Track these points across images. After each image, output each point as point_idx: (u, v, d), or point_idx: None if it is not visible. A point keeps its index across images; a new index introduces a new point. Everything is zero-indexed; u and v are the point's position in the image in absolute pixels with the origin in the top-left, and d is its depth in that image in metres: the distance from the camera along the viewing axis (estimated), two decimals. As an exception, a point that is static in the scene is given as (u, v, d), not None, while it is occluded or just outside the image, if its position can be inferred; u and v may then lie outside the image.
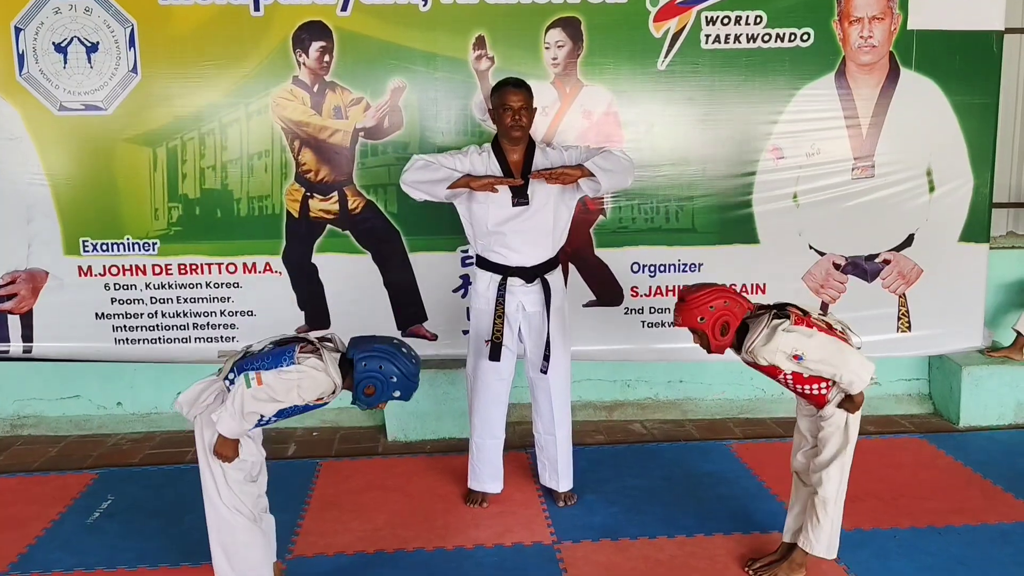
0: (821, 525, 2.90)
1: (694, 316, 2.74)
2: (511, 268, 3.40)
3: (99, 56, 3.94)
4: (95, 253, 4.11)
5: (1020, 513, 3.48)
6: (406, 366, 2.60)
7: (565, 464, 3.62)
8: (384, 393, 2.60)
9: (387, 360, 2.58)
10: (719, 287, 2.79)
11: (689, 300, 2.77)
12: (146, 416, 4.57)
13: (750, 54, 4.09)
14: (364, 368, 2.57)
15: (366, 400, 2.61)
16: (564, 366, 3.55)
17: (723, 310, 2.73)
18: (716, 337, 2.74)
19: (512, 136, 3.35)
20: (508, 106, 3.30)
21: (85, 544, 3.30)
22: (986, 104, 4.25)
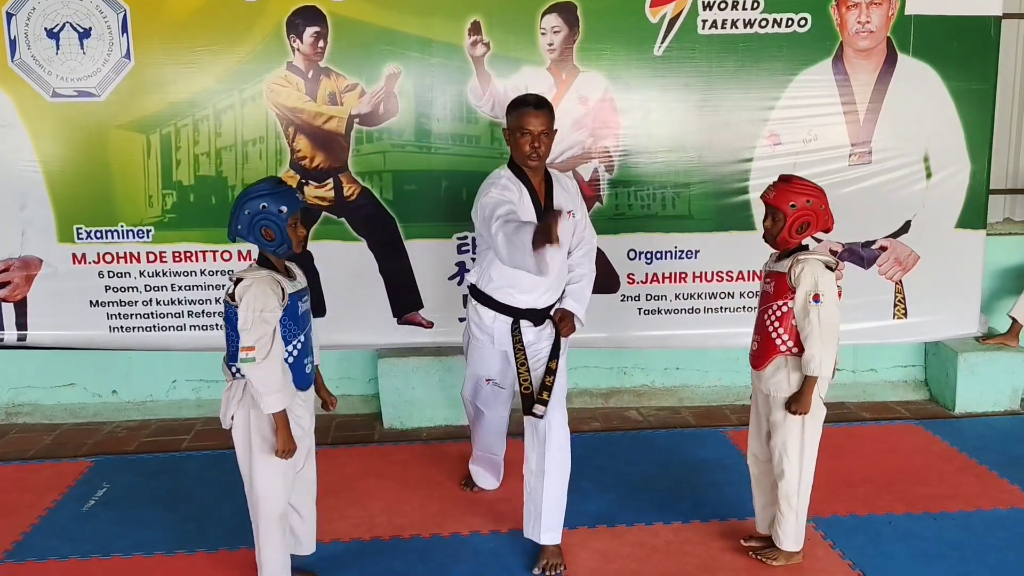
0: (786, 519, 2.90)
1: (789, 198, 2.71)
2: (521, 310, 3.08)
3: (92, 42, 3.91)
4: (89, 240, 4.09)
5: (1015, 498, 3.49)
6: (257, 190, 2.57)
7: (551, 517, 3.01)
8: (274, 219, 2.54)
9: (241, 206, 2.56)
10: (824, 194, 2.76)
11: (795, 183, 2.75)
12: (141, 404, 4.56)
13: (747, 39, 4.07)
14: (240, 230, 2.58)
15: (280, 240, 2.56)
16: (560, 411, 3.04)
17: (816, 211, 2.72)
18: (792, 228, 2.72)
19: (530, 164, 2.98)
20: (527, 130, 2.91)
21: (81, 532, 3.30)
22: (984, 90, 4.23)
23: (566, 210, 3.04)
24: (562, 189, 3.12)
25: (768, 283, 2.86)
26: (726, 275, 4.32)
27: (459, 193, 4.13)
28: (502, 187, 2.97)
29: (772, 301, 2.81)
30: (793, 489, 2.86)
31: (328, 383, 4.55)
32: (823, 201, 2.74)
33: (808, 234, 2.77)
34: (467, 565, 3.05)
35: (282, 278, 2.61)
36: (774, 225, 2.77)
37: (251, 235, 2.58)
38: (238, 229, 2.59)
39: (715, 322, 4.35)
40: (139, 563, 3.09)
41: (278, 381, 2.54)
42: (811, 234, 2.78)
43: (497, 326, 3.09)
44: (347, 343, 4.35)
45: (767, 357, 2.82)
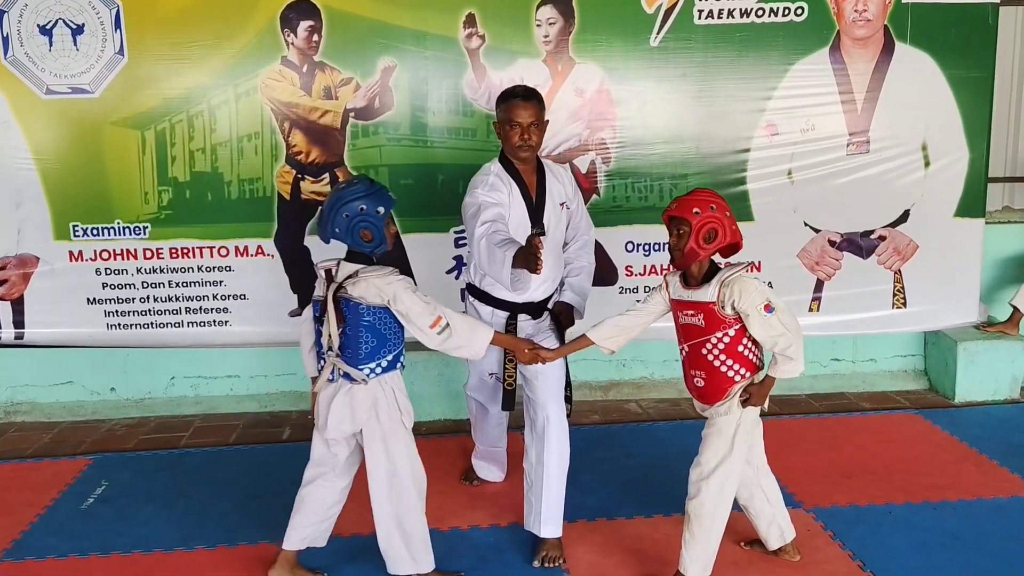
0: (695, 540, 2.67)
1: (691, 207, 2.55)
2: (519, 304, 3.07)
3: (85, 38, 3.90)
4: (85, 238, 4.08)
5: (1015, 488, 3.48)
6: (354, 192, 2.57)
7: (551, 505, 2.99)
8: (373, 220, 2.56)
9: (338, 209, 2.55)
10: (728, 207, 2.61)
11: (696, 192, 2.63)
12: (140, 401, 4.55)
13: (744, 29, 4.05)
14: (337, 233, 2.58)
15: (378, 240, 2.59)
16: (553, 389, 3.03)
17: (721, 219, 2.54)
18: (698, 238, 2.52)
19: (521, 156, 2.97)
20: (516, 122, 2.91)
21: (79, 530, 3.29)
22: (981, 77, 4.22)
23: (559, 201, 3.05)
24: (555, 180, 3.11)
25: (691, 315, 2.64)
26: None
27: (456, 187, 4.10)
28: (490, 186, 2.95)
29: (707, 335, 2.61)
30: (708, 511, 2.66)
31: (327, 378, 4.61)
32: (727, 210, 2.57)
33: (716, 246, 2.55)
34: (467, 559, 3.04)
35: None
36: (679, 239, 2.56)
37: (348, 237, 2.58)
38: (335, 232, 2.58)
39: (714, 314, 4.33)
40: (138, 561, 3.08)
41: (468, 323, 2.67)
42: (719, 247, 2.56)
43: (495, 321, 3.08)
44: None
45: (722, 391, 2.65)
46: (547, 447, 2.95)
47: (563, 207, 3.09)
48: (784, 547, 2.93)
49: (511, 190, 2.98)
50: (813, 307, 4.40)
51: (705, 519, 2.66)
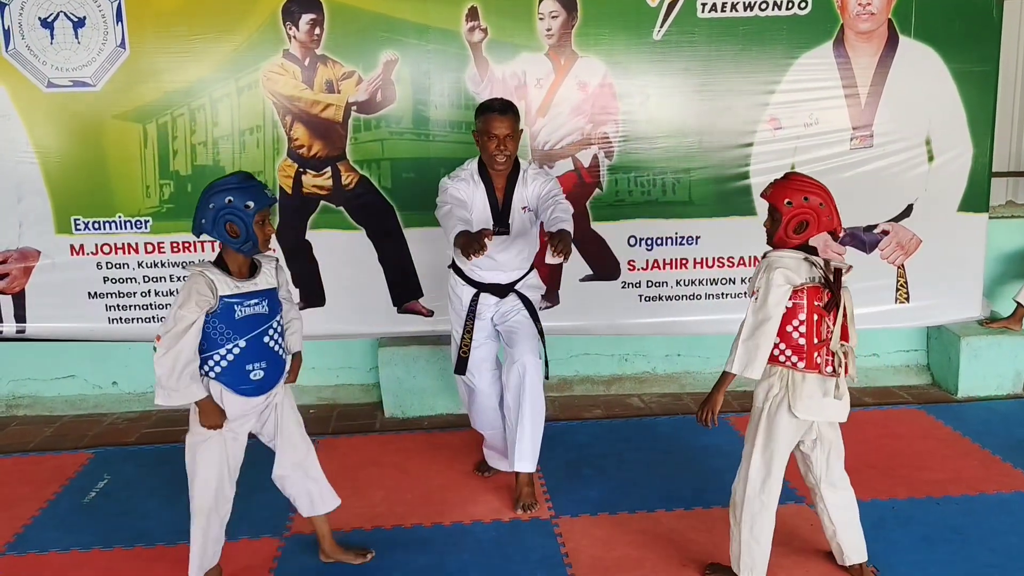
0: (732, 536, 2.70)
1: (786, 195, 2.52)
2: (484, 284, 3.34)
3: (86, 31, 3.89)
4: (87, 231, 4.07)
5: (1018, 483, 3.48)
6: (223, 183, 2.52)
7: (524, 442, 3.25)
8: (240, 214, 2.49)
9: (205, 200, 2.51)
10: (829, 193, 2.55)
11: (793, 179, 2.58)
12: (142, 395, 4.55)
13: (747, 23, 4.03)
14: (204, 224, 2.52)
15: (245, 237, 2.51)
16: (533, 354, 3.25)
17: (815, 210, 2.50)
18: (788, 227, 2.51)
19: (496, 165, 3.19)
20: (492, 134, 3.13)
21: (81, 524, 3.30)
22: (986, 72, 4.20)
23: (521, 206, 3.26)
24: (523, 188, 3.26)
25: None
26: (727, 261, 4.30)
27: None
28: (460, 180, 3.24)
29: None
30: (737, 501, 2.68)
31: (328, 372, 4.64)
32: (824, 199, 2.53)
33: (809, 234, 2.54)
34: (468, 554, 3.04)
35: (222, 279, 2.54)
36: (772, 224, 2.57)
37: (215, 230, 2.51)
38: (202, 224, 2.53)
39: (716, 308, 4.32)
40: (140, 554, 3.08)
41: (172, 381, 2.51)
42: (812, 234, 2.54)
43: (465, 293, 3.35)
44: (347, 332, 4.34)
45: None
46: (523, 393, 3.21)
47: (525, 210, 3.28)
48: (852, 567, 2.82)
49: (475, 191, 3.23)
50: (816, 302, 4.39)
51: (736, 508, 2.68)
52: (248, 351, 2.60)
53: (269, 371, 2.67)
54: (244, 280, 2.59)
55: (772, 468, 2.62)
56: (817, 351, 2.57)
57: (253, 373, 2.63)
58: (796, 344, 2.57)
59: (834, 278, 2.56)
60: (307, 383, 4.62)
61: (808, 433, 2.67)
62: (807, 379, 2.58)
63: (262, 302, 2.62)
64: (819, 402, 2.59)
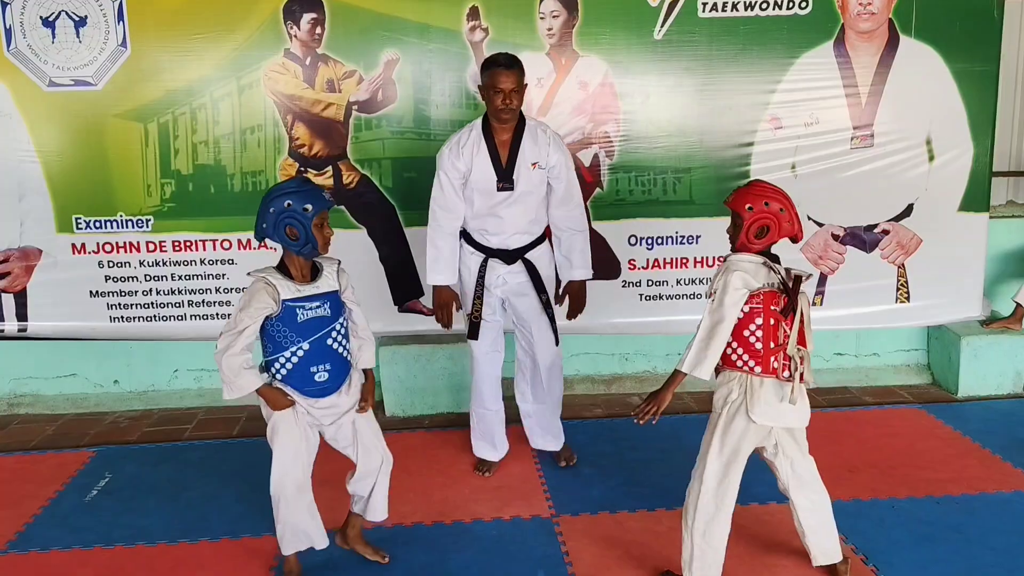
0: (683, 542, 2.70)
1: (746, 201, 2.55)
2: (492, 250, 3.42)
3: (88, 30, 3.89)
4: (88, 230, 4.07)
5: (1019, 482, 3.48)
6: (282, 188, 2.58)
7: (555, 426, 3.70)
8: (299, 218, 2.54)
9: (266, 205, 2.57)
10: (789, 200, 2.58)
11: (755, 185, 2.62)
12: (143, 394, 4.56)
13: (748, 22, 4.03)
14: (265, 228, 2.58)
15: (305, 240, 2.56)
16: (549, 339, 3.54)
17: (775, 215, 2.53)
18: (748, 232, 2.54)
19: (502, 119, 3.27)
20: (498, 88, 3.19)
21: (83, 522, 3.30)
22: (986, 71, 4.19)
23: (531, 161, 3.31)
24: (531, 141, 3.32)
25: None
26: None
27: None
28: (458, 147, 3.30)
29: None
30: (689, 505, 2.69)
31: (329, 371, 4.61)
32: (785, 204, 2.55)
33: (769, 239, 2.56)
34: (470, 552, 3.05)
35: (284, 283, 2.60)
36: (735, 230, 2.59)
37: (276, 234, 2.57)
38: (263, 228, 2.58)
39: (717, 307, 4.33)
40: (142, 552, 3.09)
41: (232, 375, 2.59)
42: (773, 240, 2.56)
43: (473, 261, 3.44)
44: (348, 331, 4.34)
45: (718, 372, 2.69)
46: (549, 388, 3.57)
47: (535, 167, 3.32)
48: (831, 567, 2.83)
49: (478, 147, 3.29)
50: (816, 301, 4.39)
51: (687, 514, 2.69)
52: (312, 353, 2.64)
53: (334, 373, 2.70)
54: (306, 283, 2.63)
55: (729, 472, 2.64)
56: (774, 355, 2.57)
57: (318, 375, 2.66)
58: (753, 349, 2.58)
59: (793, 285, 2.56)
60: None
61: (767, 439, 2.66)
62: (764, 384, 2.58)
63: (324, 304, 2.66)
64: (776, 407, 2.58)
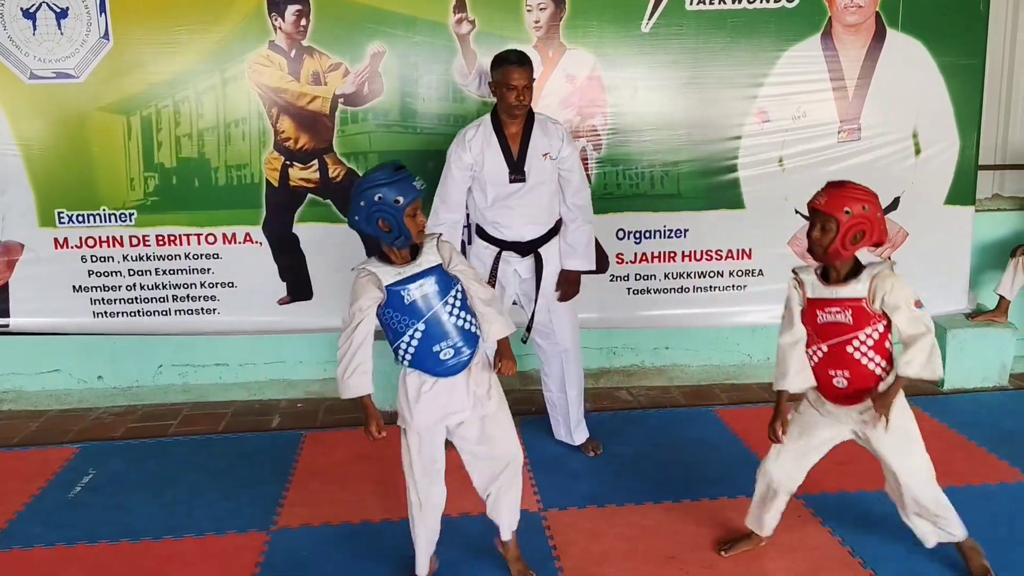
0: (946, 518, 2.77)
1: (843, 204, 2.42)
2: (506, 243, 3.44)
3: (69, 22, 3.85)
4: (71, 224, 4.04)
5: (1004, 474, 3.50)
6: (373, 180, 2.50)
7: (577, 419, 3.74)
8: (390, 210, 2.46)
9: (357, 199, 2.50)
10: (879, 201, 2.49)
11: (849, 187, 2.48)
12: (127, 390, 4.53)
13: (735, 15, 4.03)
14: (358, 222, 2.51)
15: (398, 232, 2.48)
16: (570, 328, 3.63)
17: (872, 220, 2.43)
18: (845, 238, 2.42)
19: (514, 114, 3.33)
20: (511, 85, 3.25)
21: (67, 519, 3.27)
22: (973, 65, 4.21)
23: (542, 152, 3.37)
24: (542, 133, 3.39)
25: (835, 312, 2.55)
26: (715, 254, 4.31)
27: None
28: (466, 142, 3.35)
29: (855, 331, 2.53)
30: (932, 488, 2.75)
31: (316, 366, 4.62)
32: (878, 208, 2.46)
33: (862, 245, 2.47)
34: (456, 548, 3.03)
35: (384, 269, 2.53)
36: (824, 235, 2.45)
37: (369, 227, 2.50)
38: (355, 220, 2.52)
39: (705, 301, 4.33)
40: (126, 549, 3.06)
41: (346, 375, 2.59)
42: (865, 246, 2.48)
43: (487, 256, 3.48)
44: (335, 326, 4.24)
45: (867, 389, 2.59)
46: (567, 377, 3.64)
47: (546, 157, 3.38)
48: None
49: (488, 141, 3.35)
50: (803, 295, 4.40)
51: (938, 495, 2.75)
52: (430, 332, 2.56)
53: (458, 348, 2.61)
54: (406, 264, 2.56)
55: None
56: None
57: (442, 353, 2.58)
58: (891, 356, 2.62)
59: None
60: (295, 377, 4.60)
61: None
62: None
63: (429, 280, 2.56)
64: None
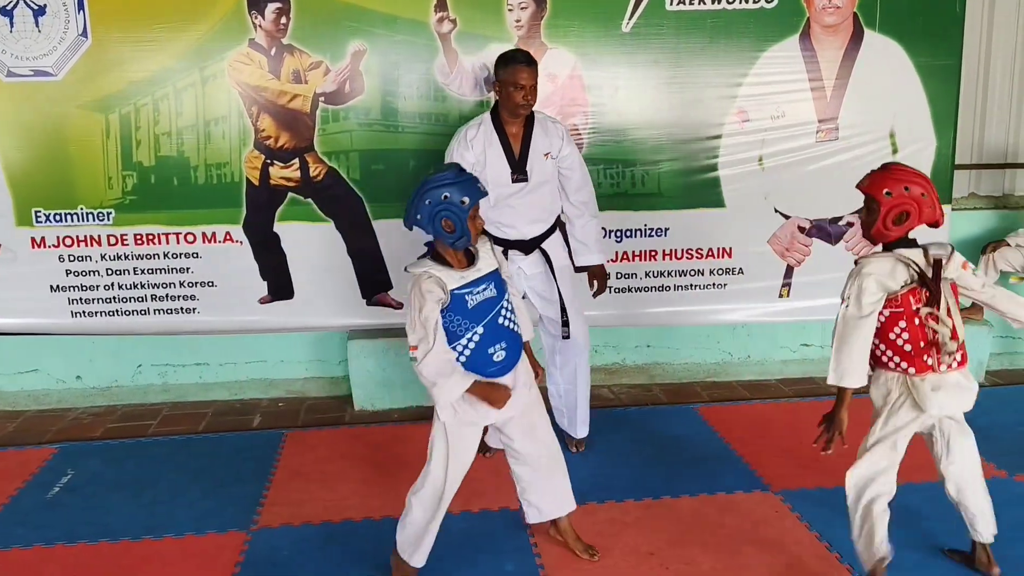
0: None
1: (884, 185, 2.42)
2: (511, 241, 3.44)
3: (47, 20, 3.81)
4: (48, 224, 4.00)
5: (979, 469, 3.54)
6: (439, 179, 2.52)
7: (584, 413, 3.73)
8: (456, 210, 2.49)
9: (421, 196, 2.52)
10: (930, 183, 2.45)
11: (893, 168, 2.48)
12: (106, 390, 4.50)
13: (715, 15, 4.05)
14: (419, 219, 2.53)
15: (460, 232, 2.50)
16: (582, 322, 3.62)
17: (917, 200, 2.40)
18: (887, 219, 2.42)
19: (518, 113, 3.35)
20: (519, 84, 3.26)
21: (45, 519, 3.25)
22: (949, 65, 4.25)
23: (543, 152, 3.40)
24: (543, 132, 3.41)
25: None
26: (696, 252, 4.33)
27: (428, 172, 4.07)
28: (466, 140, 3.35)
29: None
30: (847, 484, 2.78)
31: (297, 365, 4.62)
32: (926, 188, 2.42)
33: (909, 227, 2.44)
34: (439, 546, 3.01)
35: (447, 273, 2.54)
36: (869, 215, 2.47)
37: (431, 226, 2.52)
38: (417, 219, 2.53)
39: (685, 300, 4.35)
40: (105, 549, 3.04)
41: (441, 372, 2.54)
42: (913, 226, 2.44)
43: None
44: (316, 325, 4.31)
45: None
46: (579, 371, 3.63)
47: (547, 157, 3.40)
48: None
49: (490, 141, 3.35)
50: (783, 293, 4.44)
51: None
52: (487, 335, 2.59)
53: (510, 350, 2.65)
54: (467, 268, 2.58)
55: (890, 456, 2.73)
56: (926, 353, 2.50)
57: (496, 355, 2.61)
58: (903, 351, 2.52)
59: (933, 271, 2.46)
60: (276, 376, 4.59)
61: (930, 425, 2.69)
62: (925, 381, 2.54)
63: (489, 285, 2.60)
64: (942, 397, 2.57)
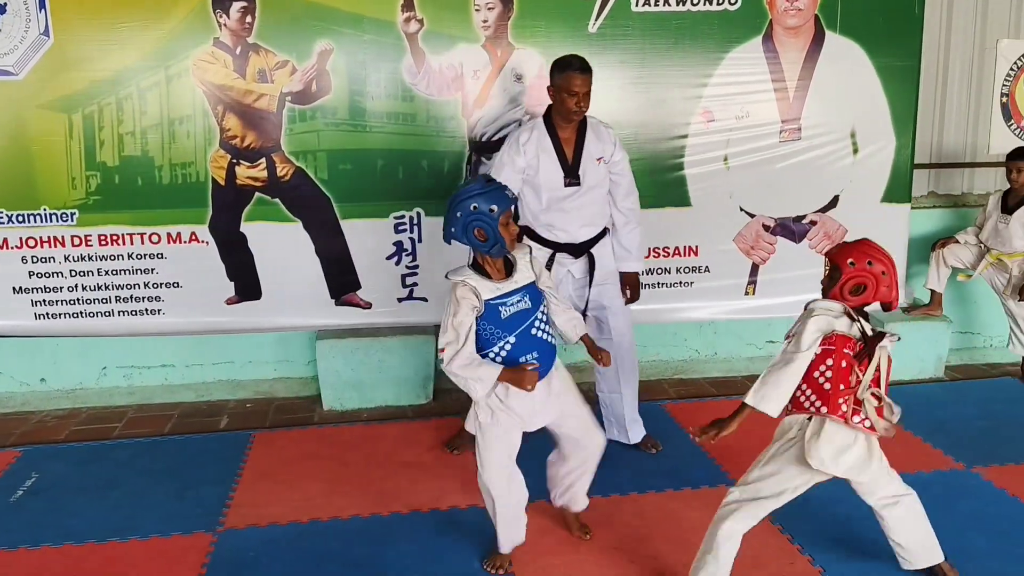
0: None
1: (849, 256, 2.53)
2: (560, 244, 3.46)
3: (7, 18, 3.76)
4: (10, 225, 3.95)
5: (938, 462, 3.63)
6: (468, 191, 2.58)
7: (632, 417, 3.73)
8: (486, 219, 2.54)
9: (453, 210, 2.58)
10: (894, 265, 2.56)
11: (864, 243, 2.58)
12: (71, 392, 4.44)
13: (680, 17, 4.10)
14: (454, 232, 2.60)
15: (493, 240, 2.56)
16: (627, 323, 3.65)
17: (876, 276, 2.51)
18: (845, 287, 2.51)
19: (572, 119, 3.38)
20: (573, 91, 3.30)
21: (8, 523, 3.21)
22: (908, 66, 4.34)
23: (596, 156, 3.44)
24: (595, 137, 3.46)
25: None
26: (662, 251, 4.37)
27: (395, 172, 4.09)
28: (520, 144, 3.38)
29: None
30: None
31: (265, 366, 4.59)
32: (888, 268, 2.52)
33: (864, 299, 2.54)
34: (406, 544, 3.05)
35: (483, 284, 2.59)
36: (829, 281, 2.58)
37: (465, 237, 2.58)
38: (452, 232, 2.60)
39: (653, 298, 4.38)
40: (69, 552, 3.01)
41: (468, 367, 2.59)
42: (867, 300, 2.55)
43: (541, 256, 3.35)
44: (284, 325, 4.30)
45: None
46: (621, 374, 3.65)
47: (600, 161, 3.45)
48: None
49: (543, 146, 3.39)
50: (749, 291, 4.50)
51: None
52: (519, 345, 2.63)
53: (542, 360, 2.68)
54: (503, 279, 2.63)
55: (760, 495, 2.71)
56: (842, 398, 2.52)
57: (528, 364, 2.64)
58: (821, 389, 2.54)
59: (872, 337, 2.53)
60: (244, 377, 4.56)
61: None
62: (827, 427, 2.55)
63: (524, 297, 2.65)
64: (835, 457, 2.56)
